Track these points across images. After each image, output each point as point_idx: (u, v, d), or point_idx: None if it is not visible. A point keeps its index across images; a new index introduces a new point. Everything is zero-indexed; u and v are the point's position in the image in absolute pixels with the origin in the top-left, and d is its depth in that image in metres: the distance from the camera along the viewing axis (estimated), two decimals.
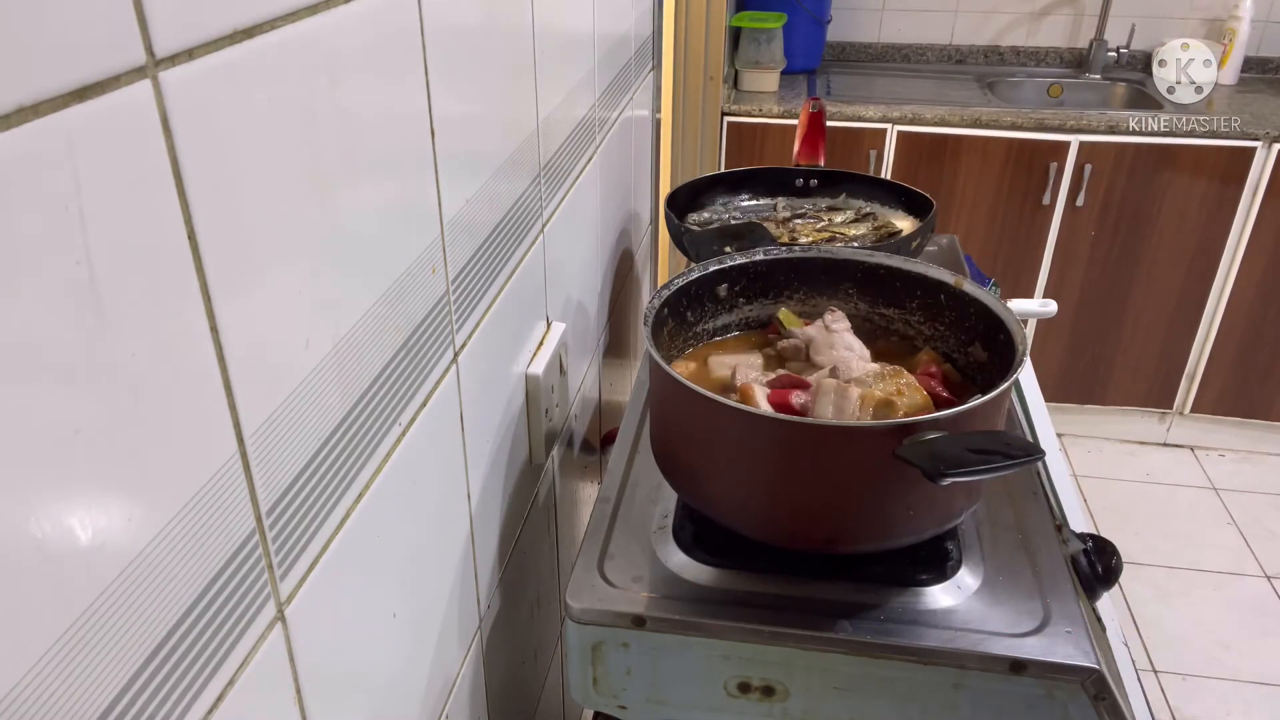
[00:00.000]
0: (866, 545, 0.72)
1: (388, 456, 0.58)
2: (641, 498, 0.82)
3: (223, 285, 0.39)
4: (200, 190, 0.37)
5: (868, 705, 0.70)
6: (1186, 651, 1.99)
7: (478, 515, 0.77)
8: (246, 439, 0.42)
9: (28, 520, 0.30)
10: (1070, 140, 2.24)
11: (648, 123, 1.51)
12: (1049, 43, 2.71)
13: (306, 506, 0.48)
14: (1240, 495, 2.44)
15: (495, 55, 0.73)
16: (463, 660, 0.76)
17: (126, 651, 0.35)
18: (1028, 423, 0.97)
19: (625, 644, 0.71)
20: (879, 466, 0.64)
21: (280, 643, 0.47)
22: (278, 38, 0.42)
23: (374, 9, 0.51)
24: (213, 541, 0.40)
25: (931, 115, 2.25)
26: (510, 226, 0.79)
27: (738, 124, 2.31)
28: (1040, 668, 0.65)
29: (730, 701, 0.72)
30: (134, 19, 0.33)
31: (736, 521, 0.73)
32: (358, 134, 0.51)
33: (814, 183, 1.26)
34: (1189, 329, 2.41)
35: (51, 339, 0.31)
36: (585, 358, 1.14)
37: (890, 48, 2.77)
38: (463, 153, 0.67)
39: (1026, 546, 0.76)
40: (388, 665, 0.62)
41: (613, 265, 1.28)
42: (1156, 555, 2.23)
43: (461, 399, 0.71)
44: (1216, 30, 2.57)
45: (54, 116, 0.30)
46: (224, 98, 0.39)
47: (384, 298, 0.56)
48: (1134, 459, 2.58)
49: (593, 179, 1.11)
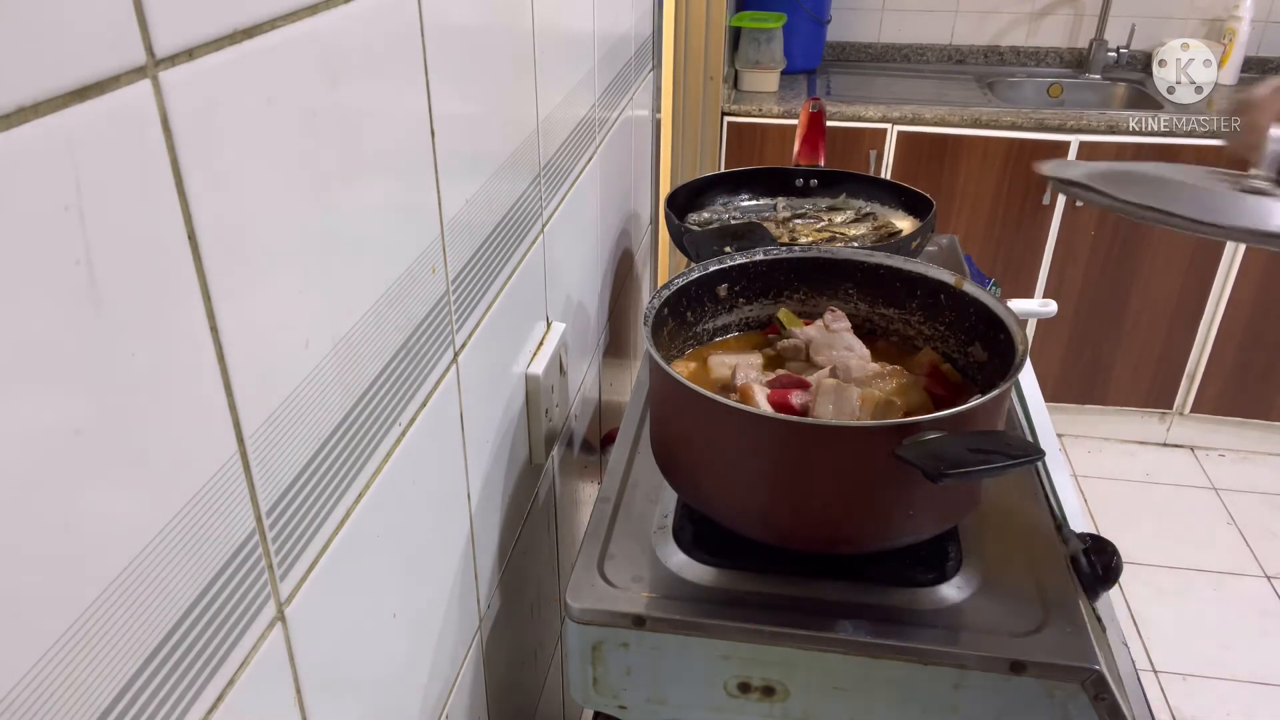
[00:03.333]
0: (866, 545, 0.72)
1: (388, 456, 0.58)
2: (641, 498, 0.82)
3: (223, 285, 0.39)
4: (200, 190, 0.37)
5: (868, 705, 0.70)
6: (1186, 651, 1.99)
7: (478, 515, 0.77)
8: (246, 439, 0.42)
9: (28, 520, 0.30)
10: (1070, 140, 2.24)
11: (648, 123, 1.51)
12: (1049, 43, 2.71)
13: (306, 506, 0.48)
14: (1240, 495, 2.44)
15: (495, 55, 0.73)
16: (463, 660, 0.76)
17: (127, 651, 0.35)
18: (1028, 423, 0.97)
19: (625, 644, 0.71)
20: (879, 466, 0.64)
21: (280, 643, 0.47)
22: (278, 37, 0.42)
23: (374, 9, 0.51)
24: (213, 541, 0.40)
25: (931, 115, 2.25)
26: (510, 226, 0.79)
27: (738, 124, 2.31)
28: (1040, 668, 0.65)
29: (730, 701, 0.72)
30: (134, 19, 0.33)
31: (736, 521, 0.73)
32: (358, 134, 0.51)
33: (814, 183, 1.26)
34: (1189, 329, 2.41)
35: (51, 339, 0.31)
36: (585, 358, 1.14)
37: (890, 48, 2.77)
38: (463, 153, 0.67)
39: (1026, 546, 0.76)
40: (388, 665, 0.62)
41: (613, 265, 1.28)
42: (1156, 555, 2.23)
43: (461, 399, 0.71)
44: (1216, 30, 2.57)
45: (54, 116, 0.30)
46: (224, 98, 0.39)
47: (384, 297, 0.56)
48: (1134, 459, 2.58)
49: (593, 179, 1.11)
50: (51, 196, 0.30)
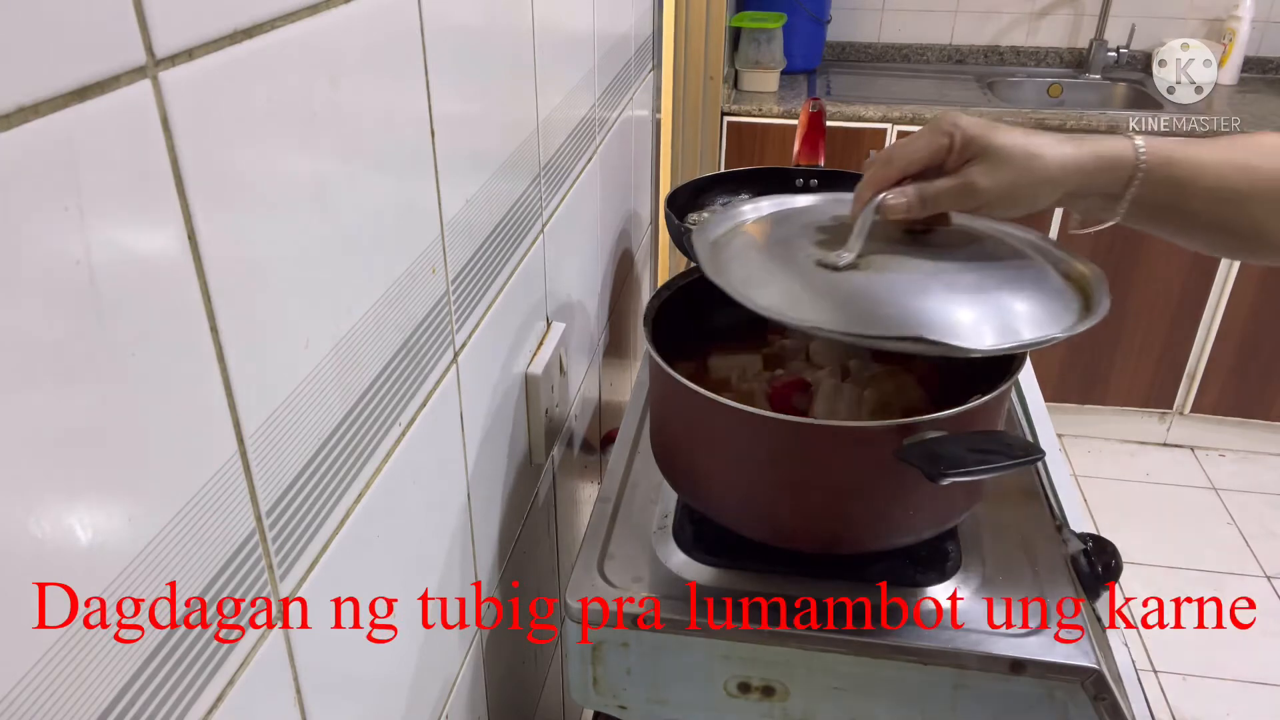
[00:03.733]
0: (866, 545, 0.72)
1: (388, 457, 0.58)
2: (641, 498, 0.82)
3: (223, 285, 0.39)
4: (200, 190, 0.37)
5: (868, 705, 0.70)
6: (1186, 651, 1.99)
7: (478, 515, 0.77)
8: (246, 439, 0.42)
9: (28, 520, 0.30)
10: None
11: (648, 123, 1.51)
12: (1049, 43, 2.71)
13: (307, 507, 0.48)
14: (1240, 495, 2.44)
15: (495, 55, 0.73)
16: (463, 660, 0.76)
17: (127, 651, 0.35)
18: (1028, 423, 0.97)
19: (625, 644, 0.71)
20: (879, 466, 0.64)
21: (280, 643, 0.47)
22: (278, 38, 0.42)
23: (374, 9, 0.51)
24: (213, 542, 0.40)
25: (932, 115, 2.25)
26: (510, 226, 0.79)
27: (738, 124, 2.31)
28: (1040, 668, 0.65)
29: (730, 701, 0.72)
30: (134, 19, 0.33)
31: (736, 521, 0.73)
32: (358, 134, 0.51)
33: (814, 183, 1.26)
34: (1189, 329, 2.41)
35: (51, 339, 0.31)
36: (585, 358, 1.14)
37: (890, 48, 2.77)
38: (463, 153, 0.67)
39: (1026, 546, 0.76)
40: (388, 665, 0.62)
41: (613, 265, 1.28)
42: (1156, 555, 2.23)
43: (461, 399, 0.71)
44: (1216, 30, 2.57)
45: (54, 116, 0.30)
46: (224, 98, 0.39)
47: (384, 298, 0.56)
48: (1134, 459, 2.58)
49: (593, 179, 1.11)
50: (51, 196, 0.30)
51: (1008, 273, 0.67)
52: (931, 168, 0.66)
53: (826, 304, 0.62)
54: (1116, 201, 0.66)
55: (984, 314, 0.61)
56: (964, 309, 0.61)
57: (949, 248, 0.68)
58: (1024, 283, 0.66)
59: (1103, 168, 0.65)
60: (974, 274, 0.65)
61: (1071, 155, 0.64)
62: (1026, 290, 0.65)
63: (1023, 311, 0.63)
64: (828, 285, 0.63)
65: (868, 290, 0.63)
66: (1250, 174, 0.65)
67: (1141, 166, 0.65)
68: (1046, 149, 0.64)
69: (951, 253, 0.67)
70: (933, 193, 0.66)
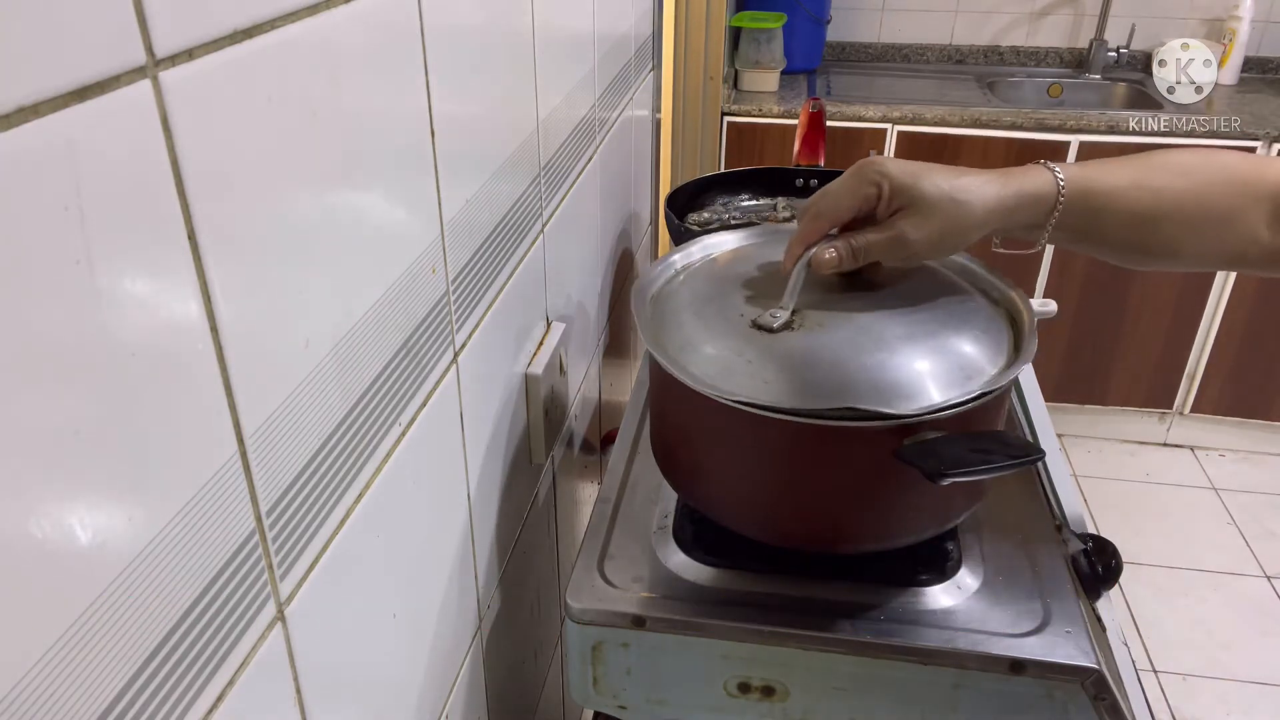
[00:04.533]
0: (866, 545, 0.72)
1: (388, 457, 0.58)
2: (641, 498, 0.82)
3: (223, 285, 0.39)
4: (200, 190, 0.37)
5: (868, 705, 0.70)
6: (1186, 651, 1.99)
7: (478, 515, 0.77)
8: (246, 439, 0.42)
9: (28, 520, 0.30)
10: (1070, 140, 2.24)
11: (648, 123, 1.51)
12: (1049, 43, 2.71)
13: (306, 507, 0.48)
14: (1240, 495, 2.44)
15: (495, 55, 0.73)
16: (463, 660, 0.76)
17: (126, 652, 0.35)
18: (1028, 423, 0.97)
19: (625, 644, 0.71)
20: (879, 466, 0.64)
21: (280, 643, 0.47)
22: (278, 37, 0.42)
23: (374, 9, 0.51)
24: (213, 542, 0.40)
25: (931, 115, 2.25)
26: (510, 226, 0.79)
27: (738, 124, 2.31)
28: (1040, 668, 0.65)
29: (730, 701, 0.72)
30: (134, 19, 0.33)
31: (736, 521, 0.73)
32: (358, 134, 0.51)
33: (814, 183, 1.26)
34: (1189, 329, 2.41)
35: (51, 339, 0.31)
36: (585, 358, 1.14)
37: (890, 48, 2.77)
38: (463, 153, 0.67)
39: (1026, 546, 0.76)
40: (388, 665, 0.62)
41: (613, 265, 1.28)
42: (1156, 555, 2.23)
43: (461, 399, 0.71)
44: (1216, 30, 2.57)
45: (54, 116, 0.30)
46: (224, 98, 0.39)
47: (384, 298, 0.56)
48: (1134, 459, 2.58)
49: (593, 179, 1.11)
50: (51, 196, 0.30)
51: (938, 314, 0.70)
52: (860, 216, 0.69)
53: (760, 374, 0.65)
54: (1040, 230, 0.69)
55: (914, 371, 0.64)
56: (895, 367, 0.64)
57: (880, 288, 0.72)
58: (956, 323, 0.69)
59: (1025, 204, 0.68)
60: (905, 323, 0.68)
61: (995, 196, 0.67)
62: (960, 331, 0.68)
63: (954, 356, 0.66)
64: (763, 351, 0.66)
65: (802, 354, 0.66)
66: (1158, 196, 0.68)
67: (1061, 198, 0.68)
68: (973, 193, 0.67)
69: (882, 296, 0.71)
70: (864, 245, 0.68)
